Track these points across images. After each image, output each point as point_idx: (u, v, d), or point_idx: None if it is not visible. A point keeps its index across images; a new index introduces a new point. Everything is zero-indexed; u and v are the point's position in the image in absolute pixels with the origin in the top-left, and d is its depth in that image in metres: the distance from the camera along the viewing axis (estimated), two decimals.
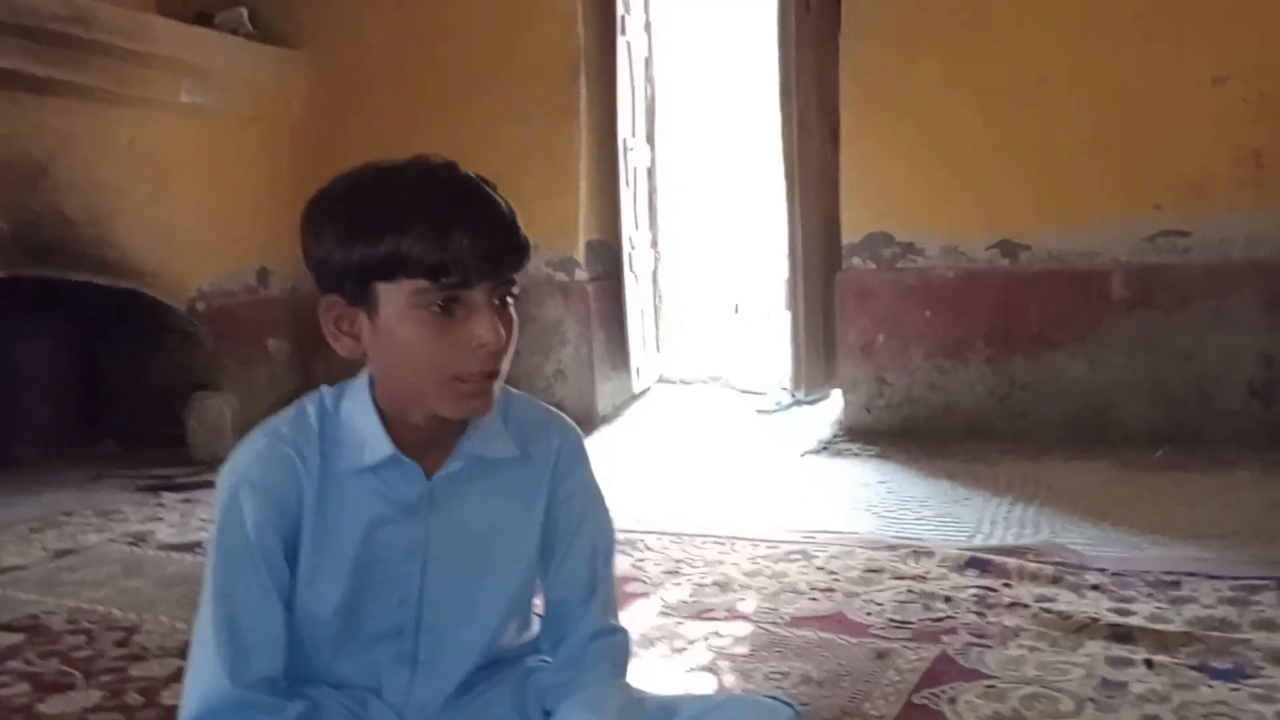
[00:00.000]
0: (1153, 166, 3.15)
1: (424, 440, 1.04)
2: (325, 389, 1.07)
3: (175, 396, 3.71)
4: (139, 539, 2.64)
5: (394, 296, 0.94)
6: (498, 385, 1.00)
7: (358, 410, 1.03)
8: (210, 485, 3.20)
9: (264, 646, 0.99)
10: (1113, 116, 3.18)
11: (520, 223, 0.98)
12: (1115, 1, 3.15)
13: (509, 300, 0.99)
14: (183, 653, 1.74)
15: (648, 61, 4.22)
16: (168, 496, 3.11)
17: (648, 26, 4.20)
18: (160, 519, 2.85)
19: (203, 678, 0.97)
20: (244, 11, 4.05)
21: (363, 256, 0.94)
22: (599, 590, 1.13)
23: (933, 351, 3.43)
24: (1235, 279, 3.07)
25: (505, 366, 0.99)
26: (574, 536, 1.12)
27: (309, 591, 1.03)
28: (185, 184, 3.79)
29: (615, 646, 1.14)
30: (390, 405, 1.03)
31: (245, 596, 0.99)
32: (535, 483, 1.11)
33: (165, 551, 2.51)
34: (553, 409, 1.17)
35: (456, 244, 0.92)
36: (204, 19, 3.95)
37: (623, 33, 3.95)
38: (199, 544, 2.52)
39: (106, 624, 1.99)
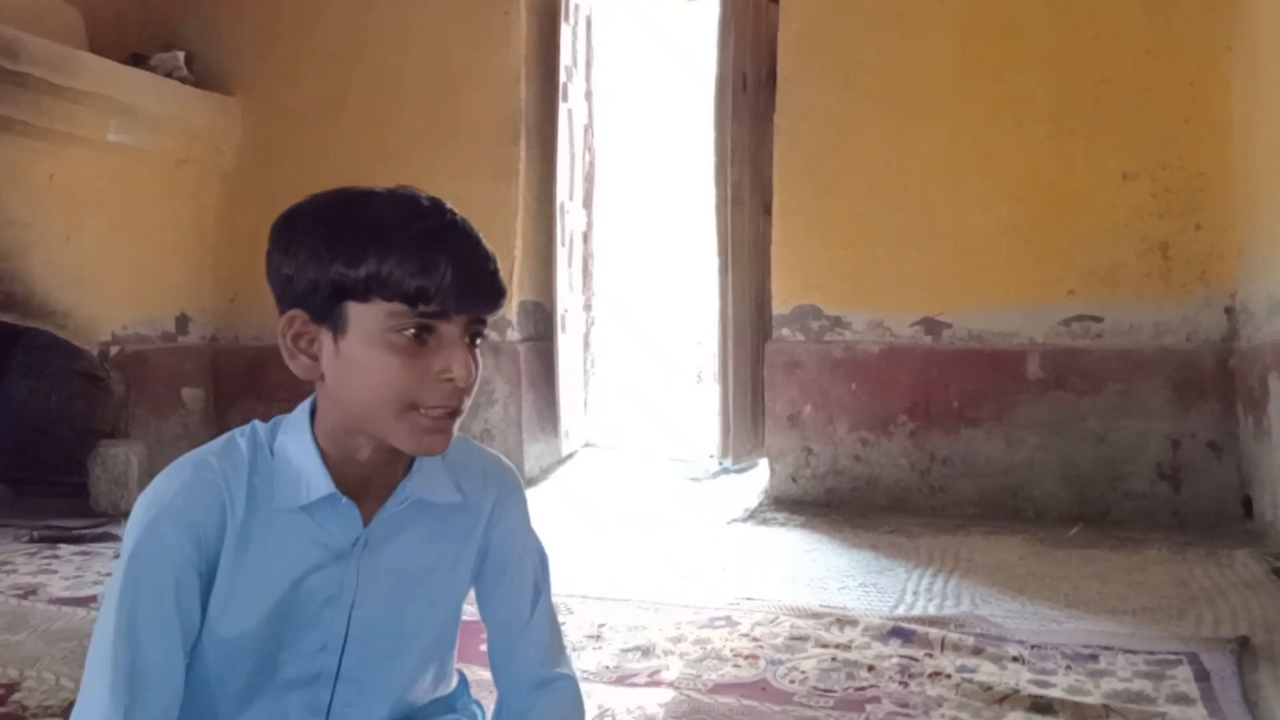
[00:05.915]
0: (1066, 254, 3.29)
1: (363, 479, 1.00)
2: (258, 422, 1.01)
3: (78, 443, 3.54)
4: (29, 591, 2.48)
5: (366, 318, 0.91)
6: (456, 425, 0.96)
7: (295, 445, 0.98)
8: (112, 538, 3.04)
9: (163, 695, 0.91)
10: (1028, 204, 3.33)
11: (500, 269, 0.96)
12: (1029, 97, 3.32)
13: (477, 343, 0.96)
14: (66, 712, 1.63)
15: (587, 129, 4.29)
16: (64, 548, 2.94)
17: (589, 95, 4.29)
18: (54, 571, 2.68)
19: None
20: (180, 55, 4.01)
21: (339, 274, 0.90)
22: (539, 605, 1.11)
23: (857, 424, 3.48)
24: (1144, 365, 3.20)
25: (466, 407, 0.96)
26: (516, 568, 1.10)
27: (220, 632, 0.96)
28: (105, 224, 3.67)
29: (564, 696, 1.09)
30: (331, 441, 0.98)
31: (151, 638, 0.90)
32: (470, 527, 1.08)
33: (56, 605, 2.36)
34: (489, 450, 1.14)
35: (441, 272, 0.90)
36: (139, 60, 3.89)
37: (564, 99, 4.01)
38: (94, 598, 2.38)
39: None
